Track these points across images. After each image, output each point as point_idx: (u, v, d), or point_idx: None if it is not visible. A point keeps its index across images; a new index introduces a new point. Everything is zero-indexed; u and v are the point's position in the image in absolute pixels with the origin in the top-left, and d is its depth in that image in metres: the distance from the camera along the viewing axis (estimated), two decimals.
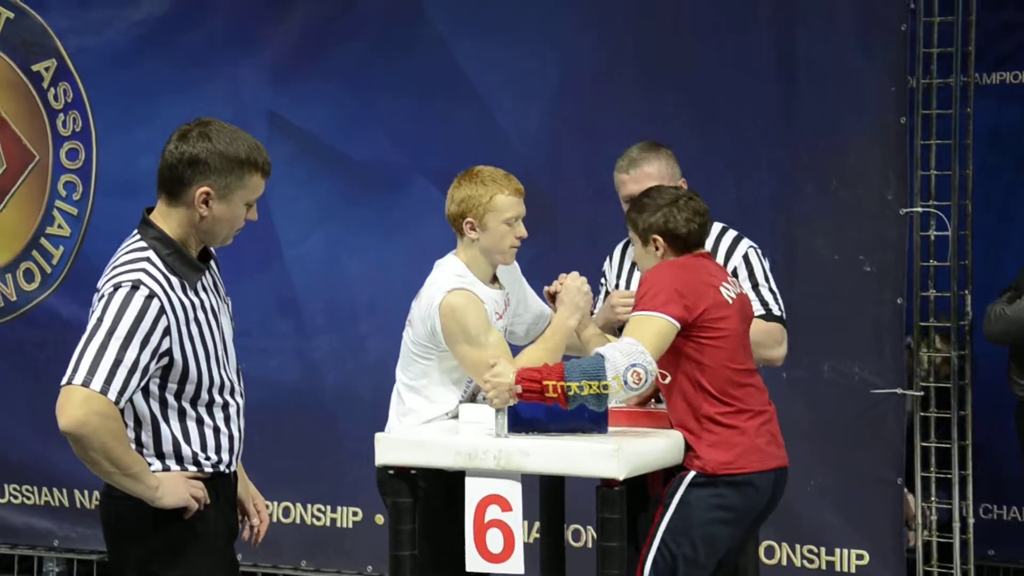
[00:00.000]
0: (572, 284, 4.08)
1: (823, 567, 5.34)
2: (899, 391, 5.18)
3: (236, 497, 3.38)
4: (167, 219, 3.19)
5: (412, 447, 3.81)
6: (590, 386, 3.61)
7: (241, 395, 3.33)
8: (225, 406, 3.26)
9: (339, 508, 6.05)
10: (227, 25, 6.09)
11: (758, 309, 4.17)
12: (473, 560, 3.73)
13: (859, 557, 5.29)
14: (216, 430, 3.23)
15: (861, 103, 5.17)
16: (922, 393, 5.24)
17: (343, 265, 5.99)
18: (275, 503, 6.11)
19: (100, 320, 3.04)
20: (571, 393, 3.62)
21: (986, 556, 5.87)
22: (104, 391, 2.98)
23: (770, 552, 5.36)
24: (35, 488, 6.49)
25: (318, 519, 6.09)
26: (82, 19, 6.32)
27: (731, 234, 4.27)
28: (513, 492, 3.68)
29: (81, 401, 2.97)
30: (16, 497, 6.52)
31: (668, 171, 4.24)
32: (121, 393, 3.01)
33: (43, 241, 6.47)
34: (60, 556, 6.54)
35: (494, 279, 4.15)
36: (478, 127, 5.72)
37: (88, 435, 2.97)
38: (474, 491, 3.71)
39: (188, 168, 3.14)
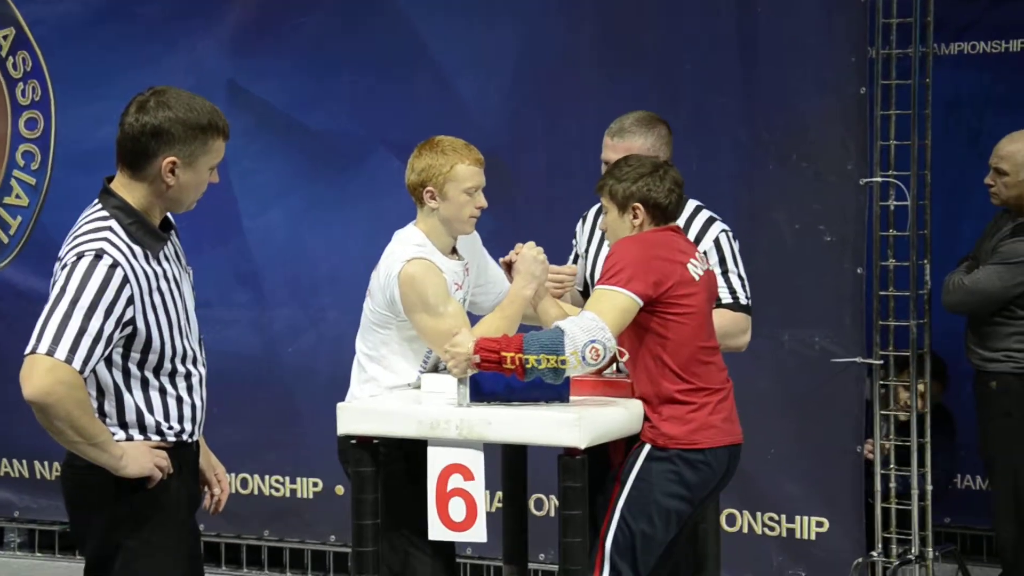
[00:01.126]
0: (528, 254, 4.07)
1: (784, 534, 5.39)
2: (859, 360, 5.22)
3: (198, 467, 3.37)
4: (129, 189, 3.17)
5: (374, 416, 3.82)
6: (548, 359, 3.62)
7: (203, 364, 3.32)
8: (188, 376, 3.25)
9: (299, 479, 6.06)
10: None
11: (726, 297, 4.18)
12: (436, 529, 3.74)
13: (819, 524, 5.34)
14: (179, 400, 3.22)
15: (821, 74, 5.19)
16: (881, 362, 5.28)
17: (303, 237, 5.98)
18: (234, 475, 6.10)
19: (64, 289, 3.02)
20: (528, 366, 3.63)
21: (942, 523, 5.93)
22: (69, 360, 2.97)
23: (731, 520, 5.40)
24: None
25: (277, 490, 6.10)
26: None
27: (704, 214, 4.25)
28: (475, 461, 3.70)
29: (46, 370, 2.96)
30: None
31: (652, 150, 4.19)
32: (86, 362, 3.00)
33: (0, 211, 6.42)
34: (21, 527, 6.53)
35: (454, 250, 4.15)
36: (439, 100, 5.71)
37: (53, 404, 2.96)
38: (436, 460, 3.72)
39: (152, 139, 3.12)
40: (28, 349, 3.00)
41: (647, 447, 3.82)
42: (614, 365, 4.03)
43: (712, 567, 4.15)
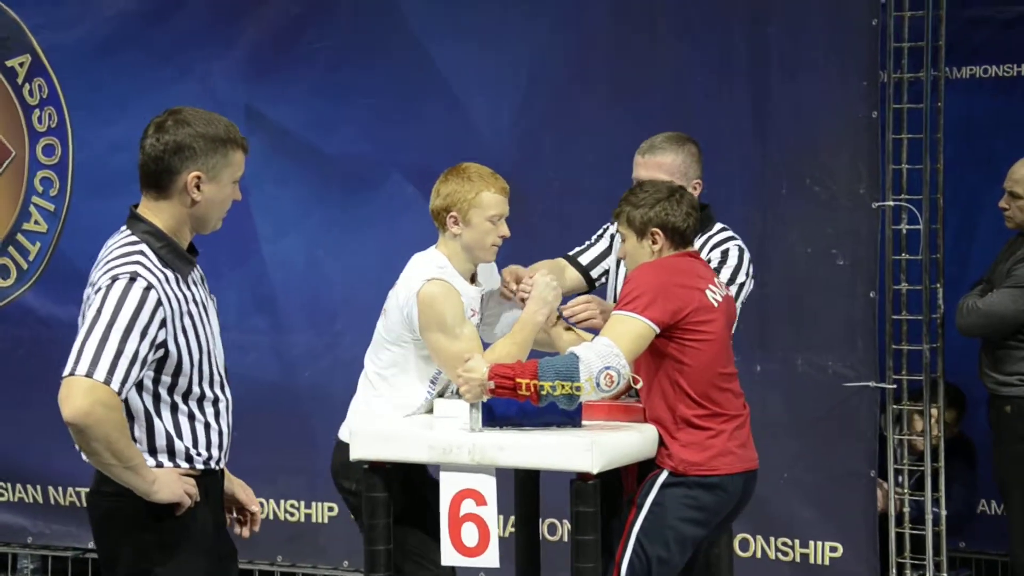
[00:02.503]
0: (541, 280, 4.09)
1: (797, 559, 5.37)
2: (872, 384, 5.21)
3: (223, 494, 3.38)
4: (156, 212, 3.20)
5: (387, 442, 3.82)
6: (563, 386, 3.64)
7: (230, 390, 3.34)
8: (215, 401, 3.27)
9: (314, 504, 6.06)
10: (201, 20, 6.09)
11: None
12: (448, 554, 3.75)
13: (832, 549, 5.32)
14: (207, 425, 3.24)
15: (833, 98, 5.19)
16: (895, 386, 5.27)
17: (319, 261, 6.00)
18: None
19: (99, 311, 3.04)
20: (543, 392, 3.64)
21: (957, 548, 5.91)
22: (107, 381, 2.99)
23: (744, 545, 5.39)
24: (8, 485, 6.48)
25: (292, 515, 6.10)
26: (55, 15, 6.31)
27: (727, 234, 4.29)
28: (488, 486, 3.70)
29: (86, 391, 2.98)
30: None
31: (683, 167, 4.21)
32: (123, 384, 3.02)
33: (19, 237, 6.46)
34: (34, 552, 6.54)
35: (473, 277, 4.16)
36: (451, 123, 5.73)
37: (92, 425, 2.98)
38: (449, 485, 3.73)
39: (174, 156, 3.16)
40: (66, 371, 3.02)
41: (664, 473, 3.82)
42: (626, 393, 4.05)
43: None
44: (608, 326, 3.78)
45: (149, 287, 3.07)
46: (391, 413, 4.08)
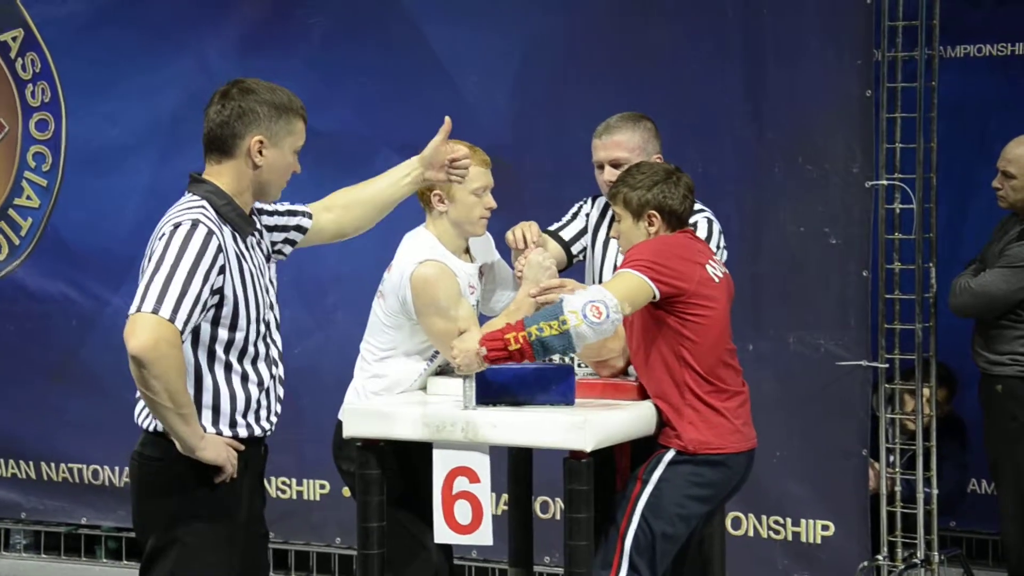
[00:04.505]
0: (534, 259, 4.10)
1: (789, 538, 5.38)
2: (864, 363, 5.22)
3: (263, 471, 3.40)
4: (219, 176, 3.28)
5: (380, 419, 3.83)
6: (549, 326, 3.63)
7: (282, 360, 3.38)
8: (270, 364, 3.32)
9: (305, 481, 6.07)
10: None
11: None
12: (442, 532, 3.75)
13: (824, 528, 5.33)
14: (260, 385, 3.29)
15: (827, 77, 5.18)
16: (887, 366, 5.28)
17: None
18: None
19: (164, 255, 3.11)
20: (533, 338, 3.63)
21: (948, 527, 5.93)
22: (172, 319, 3.04)
23: (736, 523, 5.40)
24: (2, 461, 6.48)
25: (284, 492, 6.11)
26: None
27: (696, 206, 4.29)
28: (481, 464, 3.71)
29: (152, 326, 3.03)
30: None
31: (642, 143, 4.22)
32: (186, 323, 3.07)
33: (11, 212, 6.44)
34: (27, 528, 6.54)
35: (466, 251, 4.16)
36: (444, 102, 5.69)
37: (155, 360, 3.02)
38: (442, 463, 3.73)
39: (238, 121, 3.25)
40: (132, 309, 3.07)
41: (671, 452, 3.83)
42: (631, 369, 4.05)
43: (718, 570, 4.16)
44: (605, 281, 3.79)
45: (211, 233, 3.15)
46: (386, 392, 4.07)
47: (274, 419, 3.36)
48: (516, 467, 4.25)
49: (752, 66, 5.31)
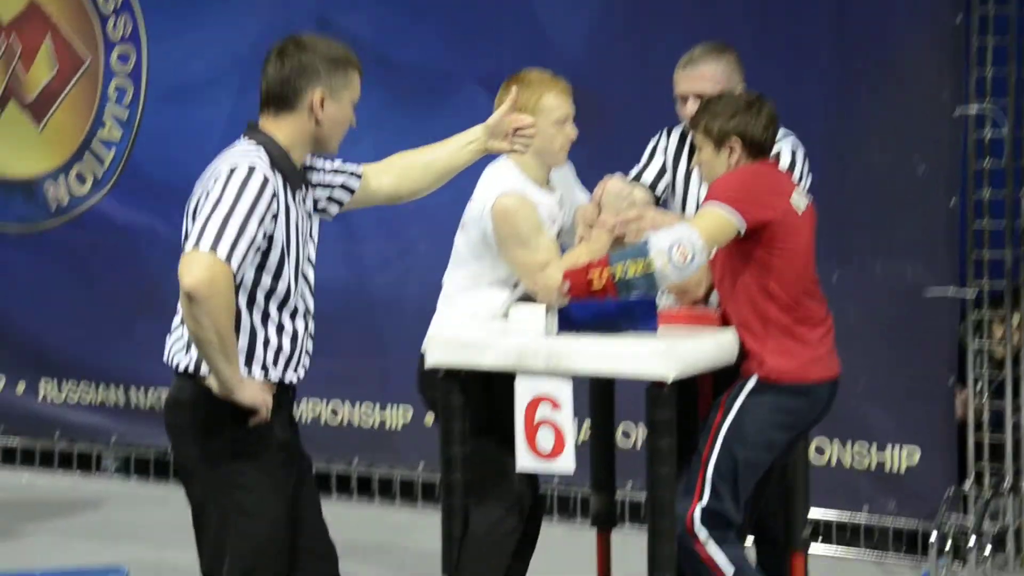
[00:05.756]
0: (613, 188, 4.07)
1: (873, 466, 5.36)
2: (952, 291, 5.15)
3: (293, 412, 3.42)
4: (275, 128, 3.29)
5: (463, 348, 3.83)
6: (635, 266, 3.61)
7: (314, 316, 3.39)
8: (306, 319, 3.33)
9: (388, 407, 6.12)
10: None
11: None
12: (524, 459, 3.76)
13: (910, 455, 5.30)
14: (293, 338, 3.30)
15: (917, 2, 5.08)
16: (975, 293, 5.21)
17: None
18: (324, 403, 6.18)
19: (222, 195, 3.13)
20: (617, 278, 3.62)
21: None
22: (227, 259, 3.07)
23: (820, 450, 5.38)
24: (92, 386, 6.60)
25: (367, 419, 6.16)
26: None
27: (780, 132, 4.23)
28: (563, 392, 3.71)
29: (208, 264, 3.06)
30: (74, 395, 6.64)
31: (726, 75, 4.16)
32: (240, 265, 3.10)
33: (95, 144, 6.51)
34: (118, 452, 6.67)
35: (547, 183, 4.14)
36: (526, 33, 5.68)
37: (209, 297, 3.05)
38: (524, 391, 3.74)
39: (299, 77, 3.26)
40: (189, 247, 3.10)
41: (754, 379, 3.81)
42: (712, 298, 4.02)
43: (800, 499, 4.14)
44: (690, 217, 3.76)
45: (267, 179, 3.17)
46: (469, 322, 4.08)
47: (302, 372, 3.36)
48: (598, 395, 4.24)
49: None
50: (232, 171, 3.16)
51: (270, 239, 3.19)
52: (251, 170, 3.16)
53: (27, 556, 5.45)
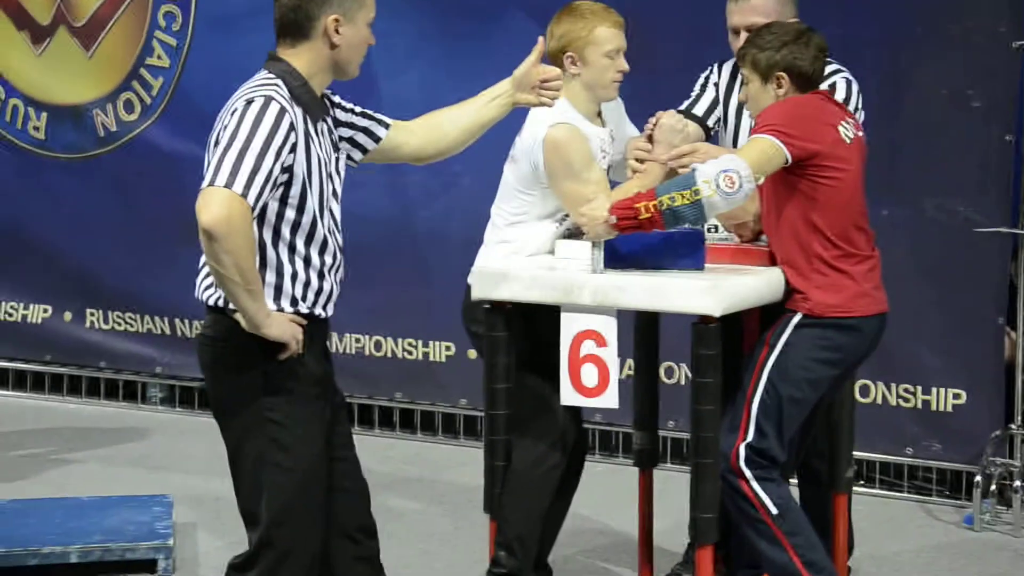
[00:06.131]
0: (667, 122, 4.04)
1: (919, 406, 5.32)
2: (1004, 230, 5.08)
3: (327, 343, 3.39)
4: (295, 57, 3.25)
5: (508, 282, 3.82)
6: (682, 196, 3.59)
7: (344, 251, 3.35)
8: (334, 253, 3.28)
9: (431, 343, 6.12)
10: None
11: None
12: (568, 394, 3.76)
13: (956, 396, 5.26)
14: (321, 275, 3.26)
15: None
16: None
17: (439, 98, 5.89)
18: (367, 337, 6.18)
19: (237, 130, 3.10)
20: (664, 208, 3.59)
21: None
22: (244, 195, 3.04)
23: (865, 391, 5.34)
24: (138, 316, 6.63)
25: (410, 353, 6.16)
26: None
27: (832, 67, 4.17)
28: (609, 327, 3.69)
29: (225, 200, 3.03)
30: (120, 324, 6.68)
31: (779, 7, 4.10)
32: (258, 199, 3.07)
33: (143, 72, 6.50)
34: (163, 382, 6.71)
35: (598, 116, 4.10)
36: None
37: (228, 235, 3.02)
38: (569, 326, 3.72)
39: (310, 3, 3.22)
40: (205, 183, 3.07)
41: (798, 315, 3.78)
42: (761, 236, 3.98)
43: (846, 437, 4.12)
44: (737, 149, 3.73)
45: (283, 110, 3.13)
46: (516, 255, 4.06)
47: (332, 307, 3.32)
48: (642, 331, 4.22)
49: None
50: (248, 103, 3.13)
51: (290, 171, 3.15)
52: (267, 101, 3.12)
53: (74, 483, 5.51)
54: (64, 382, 6.85)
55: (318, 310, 3.28)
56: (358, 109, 3.49)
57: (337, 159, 3.35)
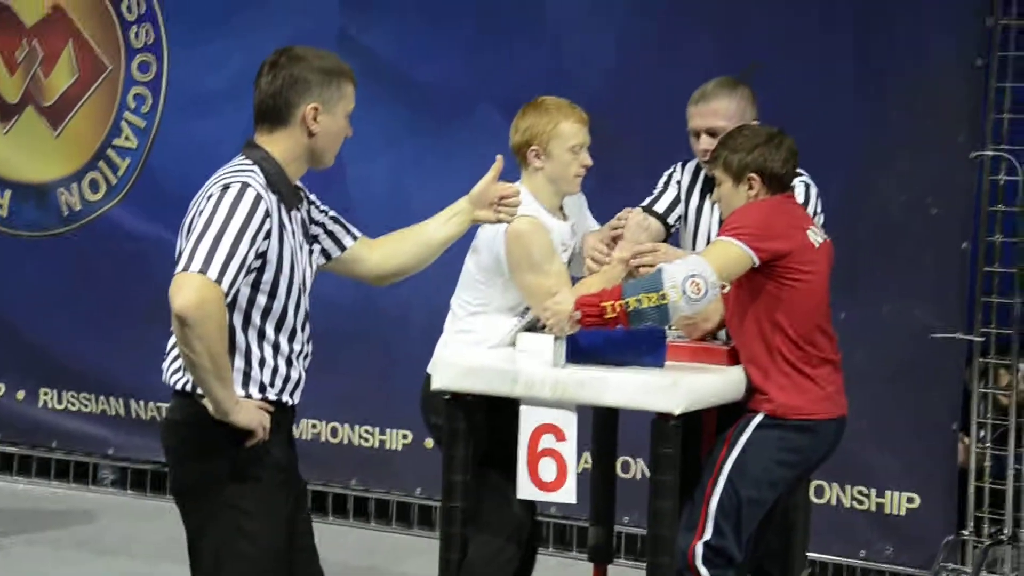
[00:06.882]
0: (633, 220, 4.07)
1: (873, 508, 5.33)
2: (959, 336, 5.13)
3: (292, 432, 3.38)
4: (272, 144, 3.26)
5: (469, 373, 3.82)
6: (648, 298, 3.60)
7: (310, 340, 3.34)
8: (303, 341, 3.28)
9: (388, 431, 6.09)
10: None
11: None
12: (526, 488, 3.74)
13: (910, 500, 5.27)
14: (289, 362, 3.25)
15: (937, 43, 5.08)
16: (983, 339, 5.19)
17: (404, 189, 5.98)
18: (324, 423, 6.15)
19: (212, 215, 3.10)
20: (630, 309, 3.61)
21: None
22: (218, 281, 3.04)
23: (820, 492, 5.35)
24: (92, 396, 6.58)
25: (367, 440, 6.14)
26: None
27: None
28: (568, 422, 3.69)
29: (198, 286, 3.02)
30: (74, 404, 6.62)
31: (739, 111, 4.15)
32: (231, 286, 3.07)
33: (110, 152, 6.51)
34: (115, 464, 6.64)
35: (560, 210, 4.13)
36: (543, 56, 5.68)
37: (200, 321, 3.01)
38: (529, 420, 3.72)
39: (291, 90, 3.23)
40: (179, 268, 3.07)
41: (760, 415, 3.79)
42: (721, 333, 4.01)
43: (800, 538, 4.12)
44: (704, 250, 3.75)
45: (259, 197, 3.13)
46: (476, 347, 4.07)
47: (299, 395, 3.32)
48: (601, 426, 4.23)
49: (859, 31, 5.21)
50: (225, 188, 3.12)
51: (264, 257, 3.15)
52: (244, 186, 3.12)
53: (19, 567, 5.42)
54: (14, 461, 6.76)
55: (285, 397, 3.26)
56: (332, 213, 3.50)
57: (310, 250, 3.36)
